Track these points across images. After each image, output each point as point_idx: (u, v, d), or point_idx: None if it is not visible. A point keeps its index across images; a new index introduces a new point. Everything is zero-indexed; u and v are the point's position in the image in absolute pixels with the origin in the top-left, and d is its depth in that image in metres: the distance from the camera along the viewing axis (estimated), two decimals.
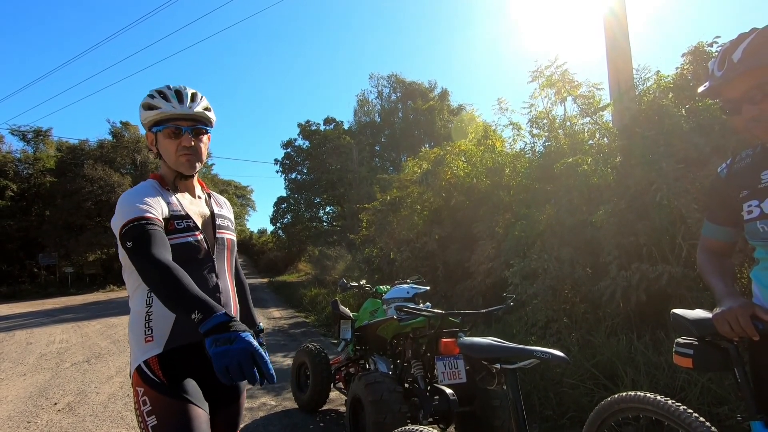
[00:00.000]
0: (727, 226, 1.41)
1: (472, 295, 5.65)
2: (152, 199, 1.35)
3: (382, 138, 27.90)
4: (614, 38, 4.98)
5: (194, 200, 1.51)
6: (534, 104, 5.58)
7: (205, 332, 1.05)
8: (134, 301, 1.40)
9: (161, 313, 1.34)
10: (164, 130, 1.43)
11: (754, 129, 1.22)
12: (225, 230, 1.55)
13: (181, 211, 1.42)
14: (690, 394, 2.68)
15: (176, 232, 1.37)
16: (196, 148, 1.45)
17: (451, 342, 2.70)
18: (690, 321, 1.39)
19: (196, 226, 1.43)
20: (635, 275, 3.49)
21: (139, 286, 1.36)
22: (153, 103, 1.43)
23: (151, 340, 1.35)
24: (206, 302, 1.10)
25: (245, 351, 1.01)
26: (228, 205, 1.69)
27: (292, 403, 3.88)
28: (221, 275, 1.47)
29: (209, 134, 1.53)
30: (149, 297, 1.35)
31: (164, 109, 1.41)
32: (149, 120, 1.44)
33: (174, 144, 1.42)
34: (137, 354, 1.36)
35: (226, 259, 1.52)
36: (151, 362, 1.33)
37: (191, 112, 1.43)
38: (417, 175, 7.82)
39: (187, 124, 1.43)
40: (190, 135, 1.44)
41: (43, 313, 11.36)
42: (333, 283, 11.42)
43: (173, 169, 1.46)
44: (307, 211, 26.62)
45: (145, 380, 1.32)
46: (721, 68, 1.23)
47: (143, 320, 1.35)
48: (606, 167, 4.35)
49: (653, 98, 4.46)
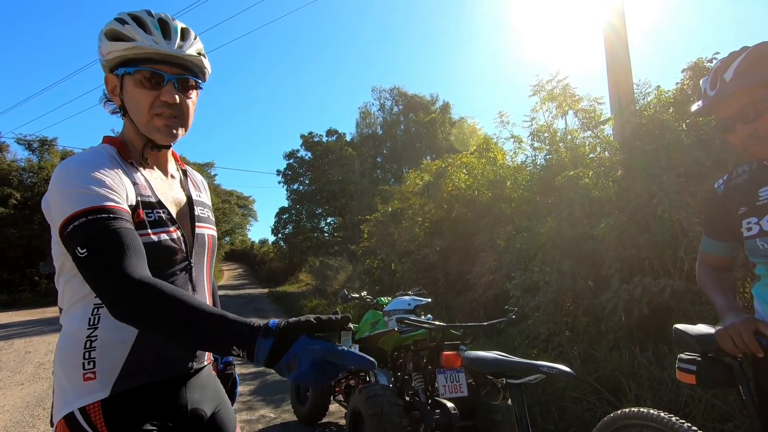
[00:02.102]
0: (726, 241, 1.41)
1: (473, 307, 5.62)
2: (111, 175, 0.92)
3: (384, 150, 28.06)
4: (614, 53, 5.03)
5: (166, 180, 1.09)
6: (535, 118, 5.62)
7: (267, 365, 0.77)
8: (70, 317, 0.97)
9: (111, 338, 0.93)
10: (137, 73, 0.97)
11: (750, 147, 1.23)
12: (205, 223, 1.13)
13: (151, 197, 1.00)
14: (694, 410, 2.65)
15: (144, 227, 0.94)
16: (181, 107, 1.01)
17: (453, 355, 2.67)
18: (693, 337, 1.38)
19: (171, 218, 1.02)
20: (637, 288, 3.48)
21: (82, 299, 0.95)
22: (123, 32, 0.97)
23: (92, 378, 0.92)
24: (237, 326, 0.78)
25: (315, 366, 0.76)
26: (206, 186, 1.26)
27: (291, 415, 3.84)
28: (198, 284, 1.07)
29: (199, 90, 1.08)
30: (95, 315, 0.94)
31: (141, 43, 0.96)
32: (114, 56, 0.98)
33: (149, 97, 0.98)
34: (69, 395, 0.93)
35: (205, 262, 1.12)
36: (91, 411, 0.92)
37: (181, 54, 0.98)
38: (418, 187, 7.85)
39: (173, 72, 0.99)
40: (175, 87, 1.00)
41: (43, 321, 11.30)
42: (334, 293, 11.38)
43: (142, 134, 1.01)
44: (309, 222, 26.62)
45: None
46: (713, 87, 1.25)
47: (81, 347, 0.93)
48: (607, 180, 4.37)
49: (654, 113, 4.49)
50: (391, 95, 28.56)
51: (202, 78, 1.07)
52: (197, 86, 1.07)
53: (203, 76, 1.07)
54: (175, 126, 1.02)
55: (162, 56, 0.97)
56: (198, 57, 1.03)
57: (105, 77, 1.04)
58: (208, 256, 1.13)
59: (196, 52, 1.02)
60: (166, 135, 1.01)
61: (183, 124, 1.04)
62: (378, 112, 29.09)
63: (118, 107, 1.04)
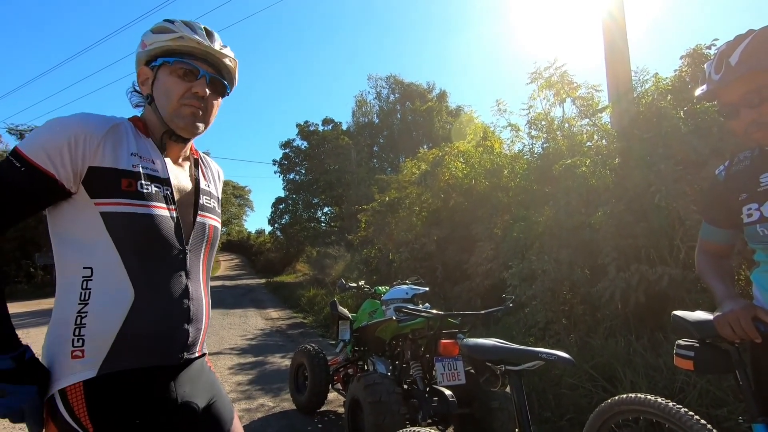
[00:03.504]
0: (725, 228, 1.41)
1: (470, 296, 5.65)
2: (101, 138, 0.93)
3: (381, 139, 27.92)
4: (613, 41, 4.99)
5: (175, 166, 1.10)
6: (533, 106, 5.59)
7: None
8: (62, 293, 0.94)
9: (102, 315, 0.91)
10: (176, 64, 1.01)
11: (753, 133, 1.22)
12: (209, 213, 1.12)
13: (158, 173, 1.01)
14: (689, 395, 2.68)
15: (134, 197, 0.93)
16: (208, 104, 1.06)
17: (451, 343, 2.69)
18: (691, 323, 1.39)
19: (171, 198, 1.01)
20: (634, 277, 3.50)
21: (72, 274, 0.92)
22: (171, 28, 1.04)
23: (81, 356, 0.89)
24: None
25: (10, 411, 0.84)
26: (221, 177, 1.26)
27: (290, 404, 3.86)
28: (194, 275, 1.05)
29: (221, 99, 1.13)
30: (85, 289, 0.91)
31: (187, 35, 1.02)
32: (158, 46, 1.02)
33: (182, 87, 1.02)
34: (54, 374, 0.91)
35: (203, 254, 1.09)
36: (71, 393, 0.87)
37: (221, 52, 1.06)
38: (415, 176, 7.83)
39: (208, 70, 1.05)
40: (207, 83, 1.04)
41: (40, 313, 11.28)
42: (331, 283, 11.40)
43: (165, 123, 1.04)
44: (305, 212, 26.57)
45: (56, 423, 0.89)
46: (718, 71, 1.23)
47: (72, 322, 0.91)
48: (604, 169, 4.36)
49: (651, 100, 4.47)
50: (387, 83, 28.35)
51: (231, 85, 1.14)
52: (224, 92, 1.12)
53: (231, 84, 1.14)
54: (197, 119, 1.05)
55: (203, 51, 1.04)
56: (232, 65, 1.11)
57: (139, 70, 1.08)
58: (207, 247, 1.11)
59: (233, 65, 1.11)
60: (190, 125, 1.04)
61: (205, 120, 1.07)
62: (374, 100, 28.89)
63: (146, 95, 1.06)
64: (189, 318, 1.01)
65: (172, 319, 0.99)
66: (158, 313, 0.96)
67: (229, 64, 1.10)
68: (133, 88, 1.10)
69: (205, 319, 1.09)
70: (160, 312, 0.96)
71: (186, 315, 1.01)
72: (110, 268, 0.92)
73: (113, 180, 0.93)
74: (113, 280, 0.92)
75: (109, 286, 0.92)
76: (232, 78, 1.13)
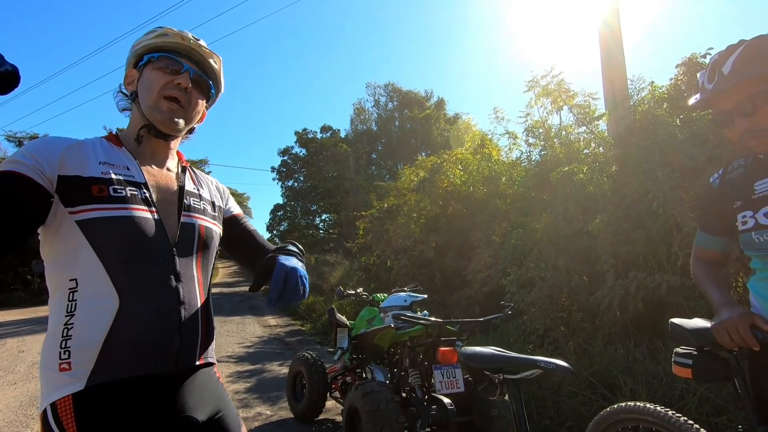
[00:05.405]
0: (721, 236, 1.41)
1: (469, 303, 5.64)
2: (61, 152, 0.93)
3: (379, 146, 28.03)
4: (609, 49, 5.03)
5: (160, 171, 1.08)
6: (530, 113, 5.63)
7: None
8: (52, 306, 0.95)
9: (87, 323, 0.89)
10: (159, 59, 1.05)
11: (748, 141, 1.23)
12: (198, 214, 1.09)
13: (133, 177, 0.99)
14: (689, 403, 2.67)
15: (107, 202, 0.93)
16: (189, 99, 1.07)
17: (449, 351, 2.68)
18: (689, 331, 1.39)
19: (147, 199, 0.99)
20: (632, 284, 3.50)
21: (60, 286, 0.92)
22: (158, 31, 1.07)
23: (68, 369, 0.88)
24: None
25: None
26: (215, 187, 1.26)
27: (287, 412, 3.83)
28: (186, 277, 1.01)
29: (208, 102, 1.16)
30: (71, 301, 0.90)
31: (172, 32, 1.06)
32: (144, 44, 1.06)
33: (164, 79, 1.03)
34: (45, 390, 0.90)
35: (196, 255, 1.05)
36: (60, 407, 0.86)
37: (205, 49, 1.10)
38: (414, 183, 7.85)
39: (192, 66, 1.08)
40: (191, 77, 1.06)
41: (36, 320, 11.20)
42: (329, 290, 11.36)
43: (144, 117, 1.04)
44: (304, 219, 26.60)
45: None
46: (711, 80, 1.24)
47: (60, 335, 0.90)
48: (602, 176, 4.38)
49: (648, 108, 4.50)
50: (385, 91, 28.53)
51: (216, 85, 1.15)
52: (209, 92, 1.13)
53: (216, 85, 1.15)
54: (178, 114, 1.05)
55: (187, 48, 1.07)
56: (217, 66, 1.13)
57: (127, 72, 1.10)
58: (200, 248, 1.07)
59: (218, 66, 1.13)
60: (168, 119, 1.04)
61: (186, 116, 1.07)
62: (372, 108, 29.06)
63: (130, 93, 1.08)
64: (180, 323, 0.97)
65: (161, 325, 0.95)
66: (145, 319, 0.93)
67: (213, 65, 1.12)
68: (119, 89, 1.11)
69: (202, 324, 1.03)
70: (147, 317, 0.93)
71: (176, 320, 0.97)
72: (94, 277, 0.91)
73: (83, 186, 0.93)
74: (97, 288, 0.91)
75: (94, 295, 0.91)
76: (217, 79, 1.15)
